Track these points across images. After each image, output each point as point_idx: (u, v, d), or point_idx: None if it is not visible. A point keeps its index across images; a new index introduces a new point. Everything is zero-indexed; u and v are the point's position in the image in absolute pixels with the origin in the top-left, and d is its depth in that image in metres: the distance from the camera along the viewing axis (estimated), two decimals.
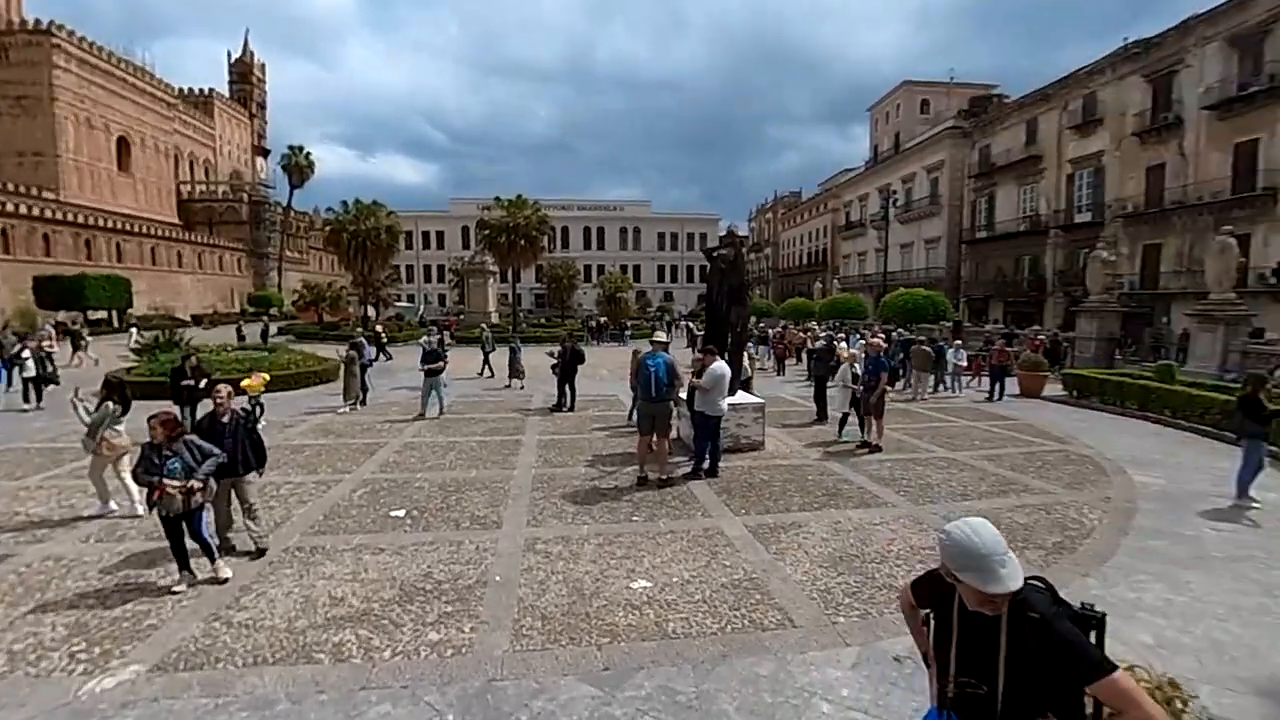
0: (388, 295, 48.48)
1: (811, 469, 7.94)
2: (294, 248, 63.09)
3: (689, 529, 5.77)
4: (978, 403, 13.70)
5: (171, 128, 49.76)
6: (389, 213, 33.69)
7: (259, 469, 5.24)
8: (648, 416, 7.09)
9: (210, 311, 44.40)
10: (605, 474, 7.67)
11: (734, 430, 8.70)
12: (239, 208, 54.14)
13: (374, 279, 43.85)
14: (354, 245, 31.65)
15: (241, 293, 51.94)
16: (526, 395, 14.56)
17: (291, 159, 54.23)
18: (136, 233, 41.14)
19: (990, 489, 7.07)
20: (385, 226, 33.14)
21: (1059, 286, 30.62)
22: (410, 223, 75.59)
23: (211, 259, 48.97)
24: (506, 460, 8.37)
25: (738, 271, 8.89)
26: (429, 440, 9.66)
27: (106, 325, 32.34)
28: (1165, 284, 24.69)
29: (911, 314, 22.82)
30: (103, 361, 18.39)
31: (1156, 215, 25.18)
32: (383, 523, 5.96)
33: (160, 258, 42.91)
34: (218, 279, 49.72)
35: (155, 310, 38.87)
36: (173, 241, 44.61)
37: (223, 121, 62.21)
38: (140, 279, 39.71)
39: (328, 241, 33.52)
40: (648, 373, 6.94)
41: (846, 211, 56.87)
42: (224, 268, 50.73)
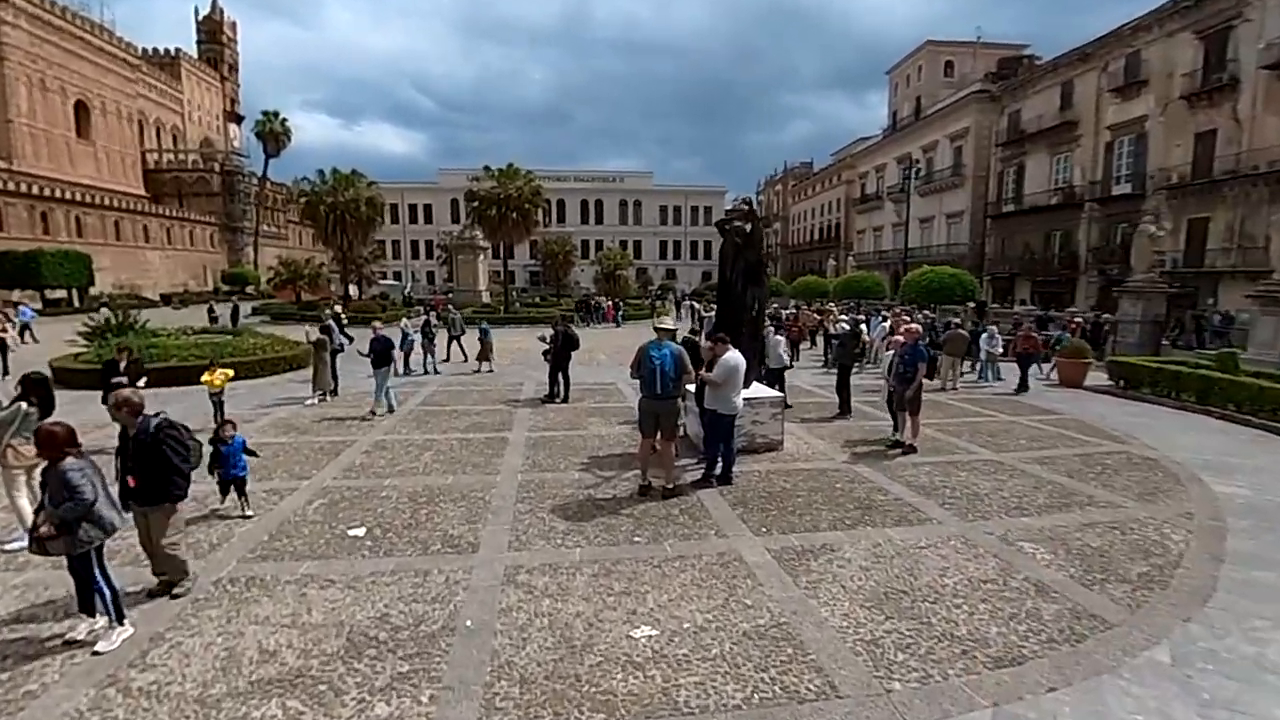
0: (371, 273, 47.65)
1: (839, 475, 7.25)
2: (271, 221, 61.97)
3: (701, 553, 5.09)
4: (1010, 394, 12.98)
5: (135, 91, 48.32)
6: (369, 183, 32.66)
7: (171, 499, 4.24)
8: (651, 416, 6.38)
9: (181, 290, 43.54)
10: (602, 480, 6.99)
11: (748, 429, 8.01)
12: (210, 178, 52.91)
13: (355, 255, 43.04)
14: (332, 219, 30.70)
15: (215, 270, 50.99)
16: (516, 384, 13.85)
17: (265, 125, 52.83)
18: (98, 205, 40.09)
19: (1050, 501, 6.38)
20: (366, 198, 32.13)
21: (1093, 264, 29.78)
22: (396, 195, 74.55)
23: (181, 233, 47.93)
24: (489, 463, 7.69)
25: (754, 246, 8.11)
26: (403, 438, 8.97)
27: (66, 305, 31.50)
28: (1212, 262, 23.85)
29: (935, 294, 22.02)
30: (48, 345, 17.68)
31: (1205, 186, 24.23)
32: (338, 544, 5.28)
33: (125, 232, 41.89)
34: (188, 255, 48.74)
35: (120, 289, 38.02)
36: (138, 215, 43.54)
37: (191, 85, 60.60)
38: (103, 255, 38.77)
39: (304, 215, 32.52)
40: (652, 366, 6.21)
41: (862, 183, 55.70)
42: (195, 243, 49.70)
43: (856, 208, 56.10)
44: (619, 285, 40.85)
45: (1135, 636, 3.91)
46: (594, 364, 17.51)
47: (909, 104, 49.15)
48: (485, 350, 15.50)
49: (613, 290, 40.93)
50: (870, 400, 11.76)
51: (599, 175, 78.40)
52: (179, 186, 51.70)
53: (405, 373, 15.13)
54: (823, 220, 65.64)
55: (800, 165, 77.92)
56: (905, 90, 50.45)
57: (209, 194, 52.36)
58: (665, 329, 6.51)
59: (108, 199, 41.16)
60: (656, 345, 6.32)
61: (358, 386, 13.43)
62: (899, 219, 47.55)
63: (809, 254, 67.12)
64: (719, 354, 6.69)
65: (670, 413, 6.35)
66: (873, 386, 13.12)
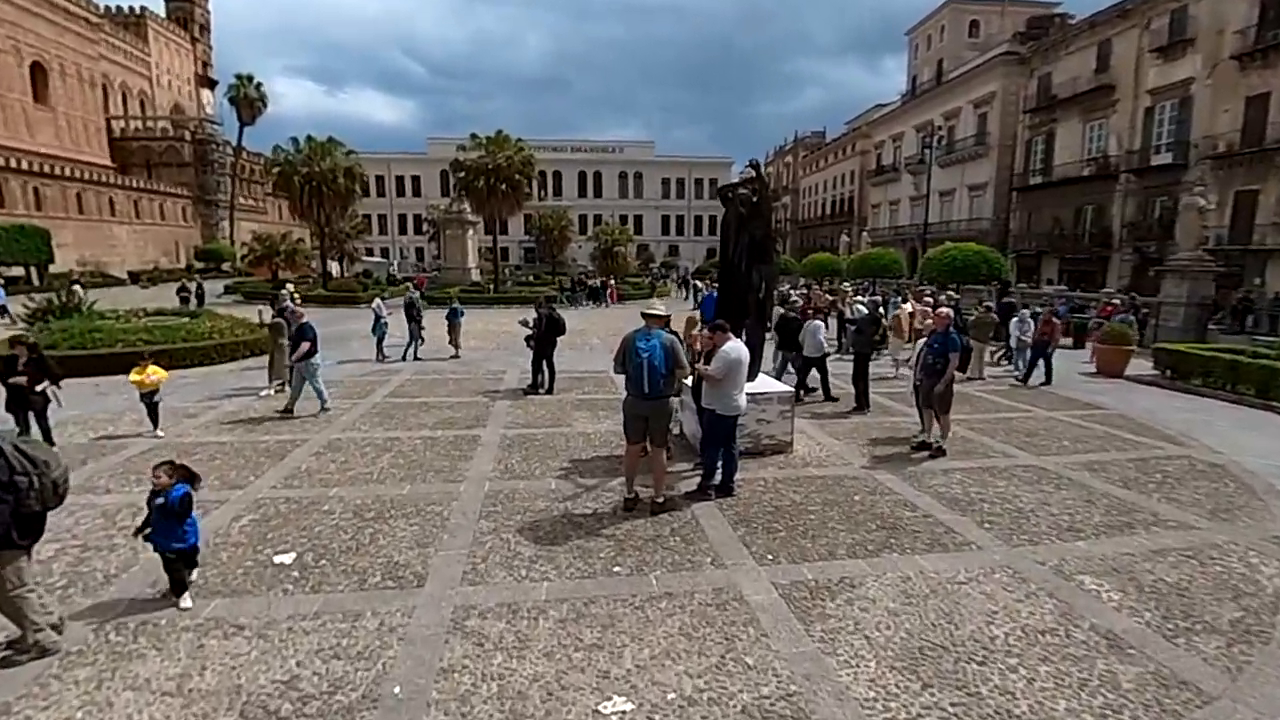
0: (354, 249, 46.82)
1: (858, 484, 6.54)
2: (248, 194, 60.87)
3: (694, 590, 4.39)
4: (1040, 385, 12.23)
5: (97, 53, 46.93)
6: (347, 152, 31.64)
7: (23, 543, 3.50)
8: (638, 419, 5.65)
9: (151, 267, 42.66)
10: (582, 491, 6.29)
11: (753, 428, 7.30)
12: (181, 147, 51.70)
13: (335, 230, 42.20)
14: (307, 190, 29.75)
15: (188, 246, 50.05)
16: (497, 372, 13.13)
17: (239, 90, 51.69)
18: (59, 176, 39.03)
19: (1107, 520, 5.66)
20: (344, 168, 31.14)
21: (1128, 241, 28.84)
22: (381, 166, 73.42)
23: (150, 207, 46.90)
24: (455, 468, 6.99)
25: (762, 218, 7.31)
26: (361, 436, 8.27)
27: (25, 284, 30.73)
28: (1261, 238, 22.92)
29: (959, 273, 21.15)
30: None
31: (1255, 156, 23.21)
32: (258, 576, 4.59)
33: (89, 205, 40.86)
34: (159, 230, 47.75)
35: (84, 266, 37.18)
36: (103, 186, 42.48)
37: (159, 46, 59.05)
38: (64, 230, 37.85)
39: (277, 186, 31.52)
40: (638, 360, 5.46)
41: (878, 154, 54.44)
42: (166, 217, 48.68)
43: (871, 180, 54.89)
44: (617, 262, 39.92)
45: (1243, 716, 3.20)
46: (585, 349, 16.79)
47: (930, 68, 47.69)
48: (453, 333, 14.77)
49: (611, 268, 40.02)
50: (890, 392, 11.03)
51: (597, 145, 76.92)
52: (147, 156, 50.53)
53: (380, 359, 14.43)
54: (835, 194, 64.39)
55: (811, 135, 76.30)
56: (926, 53, 48.95)
57: (180, 164, 51.23)
58: (655, 315, 5.75)
59: (69, 169, 40.11)
60: (644, 335, 5.57)
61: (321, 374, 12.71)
62: (917, 192, 46.43)
63: (820, 229, 65.99)
64: (718, 344, 5.94)
65: (661, 415, 5.62)
66: (883, 374, 12.40)
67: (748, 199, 7.13)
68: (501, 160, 31.34)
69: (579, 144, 76.79)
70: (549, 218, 50.14)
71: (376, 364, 14.16)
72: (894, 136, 51.22)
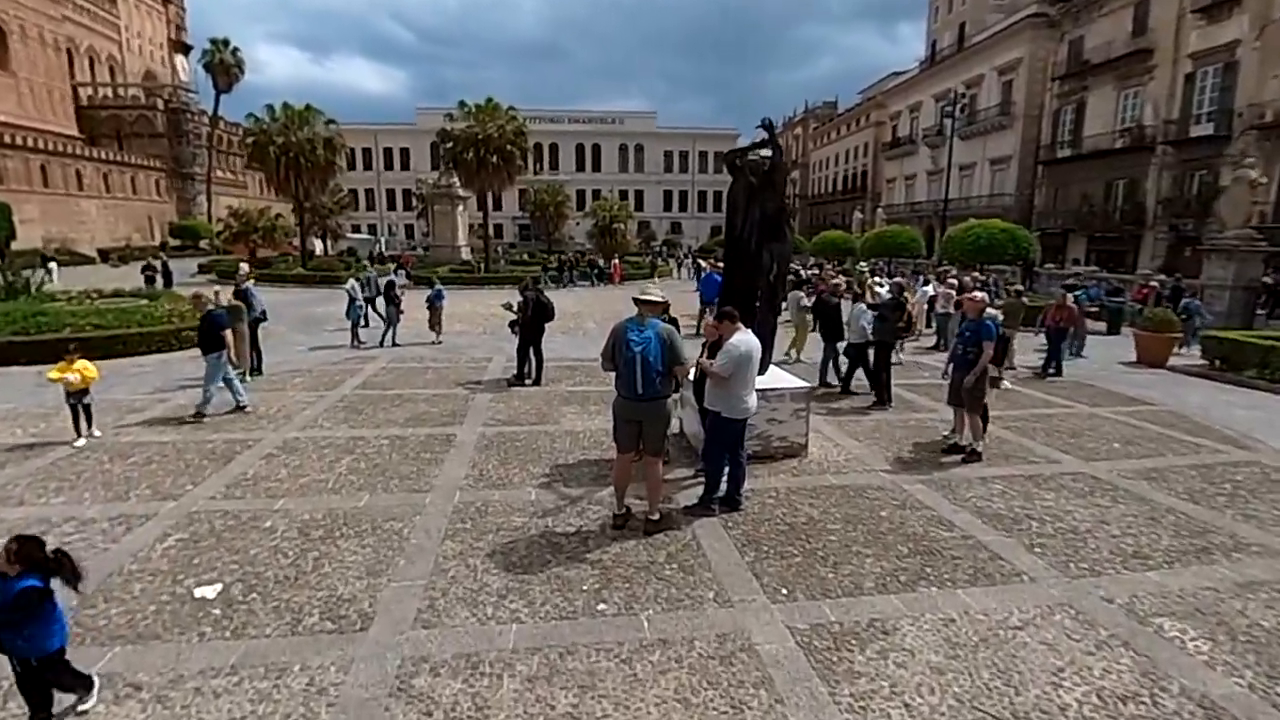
0: (337, 225, 46.01)
1: (883, 496, 5.91)
2: (227, 167, 59.83)
3: (693, 635, 3.78)
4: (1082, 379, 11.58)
5: (61, 14, 45.66)
6: (327, 121, 30.70)
7: None
8: (629, 423, 5.01)
9: (123, 245, 41.87)
10: (566, 503, 5.67)
11: (762, 429, 6.67)
12: (154, 117, 50.59)
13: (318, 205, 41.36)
14: (284, 162, 28.87)
15: (162, 222, 49.19)
16: (481, 360, 12.50)
17: (214, 55, 50.47)
18: (20, 146, 38.07)
19: (1178, 543, 5.03)
20: (323, 139, 30.24)
21: (1163, 218, 27.97)
22: (368, 138, 72.30)
23: (121, 180, 45.95)
24: (423, 474, 6.38)
25: (774, 190, 6.61)
26: (322, 434, 7.65)
27: None
28: None
29: (983, 252, 20.37)
30: None
31: None
32: (173, 614, 3.99)
33: (54, 178, 39.95)
34: (131, 205, 46.86)
35: (50, 243, 36.42)
36: (70, 158, 41.53)
37: (128, 8, 57.59)
38: (28, 204, 37.01)
39: (252, 157, 30.63)
40: (630, 355, 4.81)
41: (893, 125, 53.29)
42: (138, 191, 47.74)
43: (886, 154, 53.80)
44: (616, 240, 39.03)
45: None
46: (579, 333, 16.14)
47: (950, 32, 46.36)
48: (434, 317, 14.11)
49: (609, 246, 39.16)
50: (911, 384, 10.39)
51: (596, 116, 75.60)
52: (118, 126, 49.46)
53: (355, 345, 13.80)
54: (847, 168, 63.28)
55: (823, 105, 74.92)
56: (946, 16, 47.57)
57: (153, 135, 50.17)
58: (650, 301, 5.08)
59: (32, 139, 39.14)
60: (637, 325, 4.90)
61: (290, 362, 12.14)
62: (935, 166, 45.43)
63: (831, 206, 65.00)
64: (725, 336, 5.29)
65: (657, 420, 4.98)
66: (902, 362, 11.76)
67: (758, 166, 6.42)
68: (492, 130, 30.43)
69: (577, 115, 75.47)
70: (544, 193, 49.15)
71: (351, 350, 13.53)
72: (911, 107, 50.05)
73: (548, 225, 51.09)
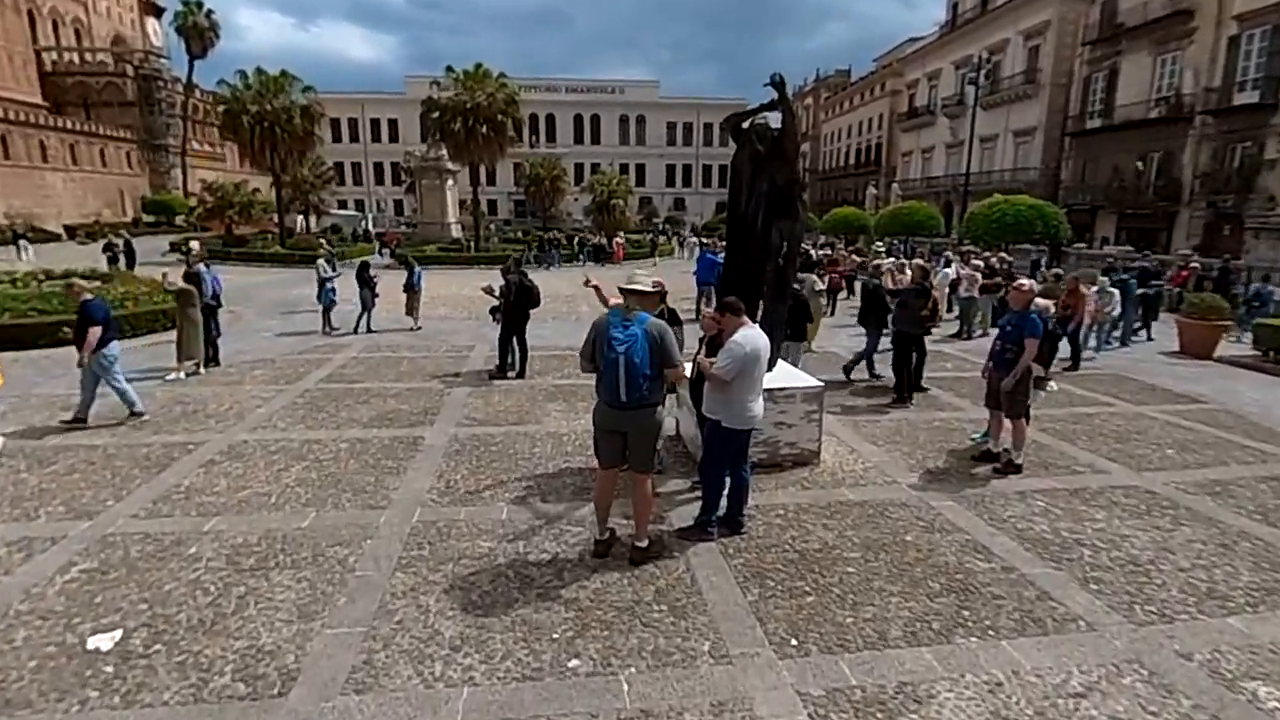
0: (320, 200, 45.20)
1: (908, 514, 5.34)
2: (204, 138, 58.80)
3: (682, 705, 3.22)
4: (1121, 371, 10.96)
5: None
6: (304, 88, 29.78)
7: None
8: (612, 435, 4.43)
9: (91, 221, 41.10)
10: (542, 524, 5.11)
11: (769, 433, 6.09)
12: (123, 84, 49.46)
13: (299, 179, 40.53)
14: (258, 132, 28.03)
15: (134, 196, 48.31)
16: (463, 349, 11.91)
17: (187, 18, 49.35)
18: None
19: (1260, 579, 4.45)
20: (301, 107, 29.36)
21: (1200, 194, 27.13)
22: (355, 107, 71.11)
23: (89, 152, 44.99)
24: (381, 486, 5.81)
25: (785, 159, 5.94)
26: (275, 437, 7.09)
27: None
28: None
29: (1008, 231, 19.61)
30: None
31: None
32: (54, 674, 3.43)
33: (15, 149, 39.00)
34: (101, 178, 45.96)
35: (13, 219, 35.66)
36: (33, 128, 40.54)
37: None
38: None
39: (224, 127, 29.76)
40: (612, 355, 4.20)
41: (910, 95, 52.10)
42: (108, 163, 46.79)
43: (902, 125, 52.66)
44: (614, 217, 38.23)
45: None
46: (572, 318, 15.55)
47: None
48: (412, 301, 13.51)
49: (608, 223, 38.39)
50: (934, 378, 9.79)
51: (596, 85, 74.19)
52: (85, 94, 48.38)
53: (326, 331, 13.21)
54: (861, 140, 62.10)
55: (835, 74, 73.48)
56: None
57: (123, 103, 49.11)
58: (639, 290, 4.47)
59: None
60: (621, 320, 4.29)
61: (253, 350, 11.56)
62: (954, 138, 44.44)
63: (843, 181, 63.94)
64: (727, 330, 4.68)
65: (644, 431, 4.39)
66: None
67: (766, 131, 5.76)
68: (481, 98, 29.52)
69: (575, 83, 74.05)
70: (539, 166, 48.21)
71: (322, 337, 12.95)
72: (929, 75, 48.83)
73: (543, 201, 50.19)
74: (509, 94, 30.58)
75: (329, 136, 70.73)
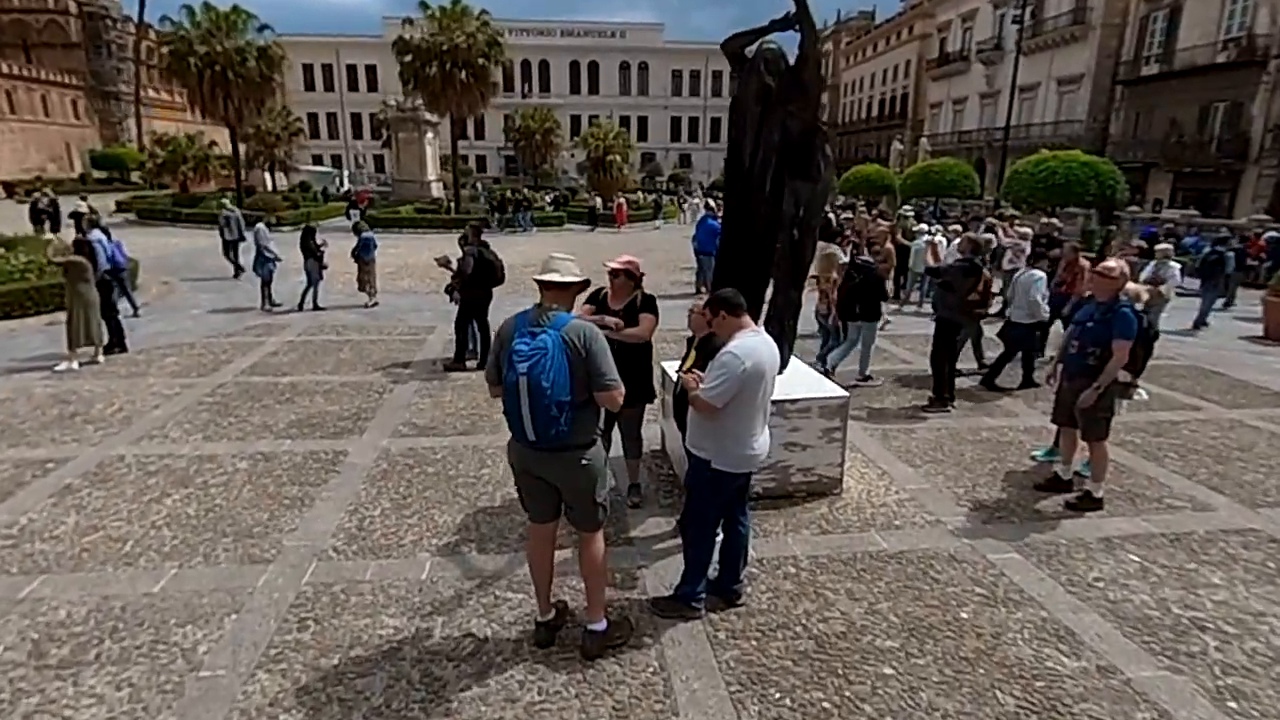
0: (287, 155, 43.66)
1: (960, 576, 4.30)
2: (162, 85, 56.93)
3: None
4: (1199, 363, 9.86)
5: None
6: (262, 27, 28.24)
7: None
8: (535, 480, 3.38)
9: (33, 177, 39.72)
10: (473, 586, 4.11)
11: (779, 457, 5.05)
12: (66, 23, 47.51)
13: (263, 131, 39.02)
14: (209, 77, 26.56)
15: (82, 150, 46.84)
16: (420, 331, 10.86)
17: None
18: None
19: None
20: (258, 48, 27.82)
21: (1273, 150, 25.64)
22: (328, 52, 68.94)
23: (29, 99, 43.37)
24: (273, 527, 4.78)
25: (805, 97, 4.74)
26: (160, 452, 6.06)
27: None
28: None
29: (1057, 192, 18.26)
30: None
31: None
32: None
33: None
34: (43, 130, 44.42)
35: None
36: None
37: None
38: None
39: (169, 71, 28.30)
40: (512, 376, 3.08)
41: (941, 39, 50.09)
42: (50, 112, 45.20)
43: (932, 73, 50.69)
44: (610, 175, 36.76)
45: None
46: None
47: None
48: (364, 273, 12.40)
49: (603, 182, 36.93)
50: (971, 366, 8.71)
51: (593, 29, 71.92)
52: (22, 34, 46.53)
53: (266, 308, 12.14)
54: (885, 90, 60.10)
55: (859, 16, 70.93)
56: None
57: (66, 45, 47.25)
58: (557, 283, 3.32)
59: None
60: (528, 326, 3.18)
61: (174, 332, 10.50)
62: (989, 88, 42.71)
63: (865, 135, 62.07)
64: (721, 334, 3.59)
65: (575, 479, 3.32)
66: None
67: (779, 59, 4.57)
68: (460, 39, 27.95)
69: (570, 26, 71.78)
70: (529, 118, 46.49)
71: (260, 315, 11.88)
72: (963, 15, 46.77)
73: (534, 156, 48.61)
74: (491, 35, 29.01)
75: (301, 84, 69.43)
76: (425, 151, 36.42)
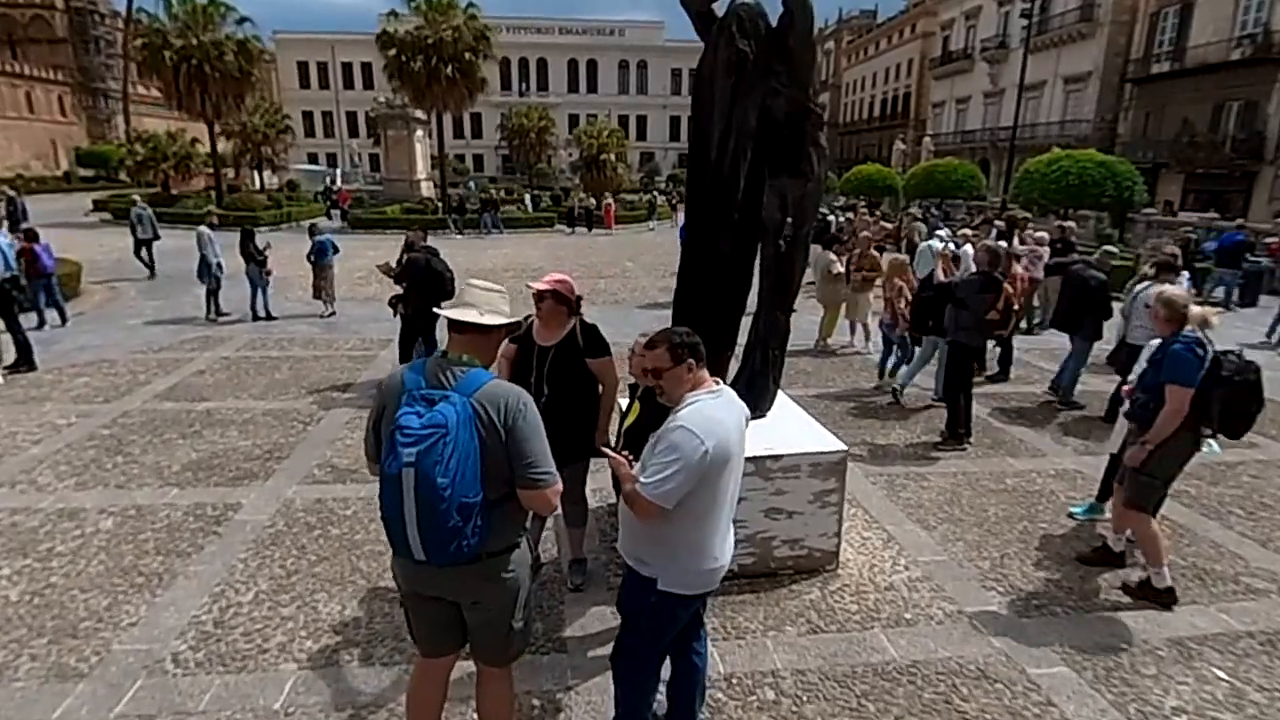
0: (274, 153, 42.66)
1: (994, 707, 3.20)
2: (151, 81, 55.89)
3: None
4: None
5: None
6: (241, 19, 27.16)
7: None
8: (425, 602, 2.33)
9: (14, 176, 38.68)
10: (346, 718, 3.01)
11: (760, 525, 3.98)
12: (52, 18, 46.48)
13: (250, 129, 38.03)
14: (185, 71, 25.49)
15: (68, 147, 45.76)
16: (373, 343, 9.80)
17: None
18: None
19: None
20: (236, 42, 26.75)
21: None
22: (324, 49, 67.93)
23: (14, 96, 42.30)
24: (108, 620, 3.72)
25: (793, 68, 3.64)
26: (14, 505, 5.00)
27: None
28: None
29: (1072, 193, 17.13)
30: None
31: None
32: None
33: None
34: (28, 127, 43.34)
35: None
36: None
37: None
38: None
39: (145, 65, 27.25)
40: (393, 467, 2.02)
41: (944, 37, 48.97)
42: (36, 109, 44.13)
43: (934, 71, 49.58)
44: (604, 175, 35.64)
45: None
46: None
47: None
48: (319, 280, 11.32)
49: (597, 182, 35.80)
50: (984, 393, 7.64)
51: (592, 26, 70.85)
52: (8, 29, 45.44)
53: (210, 318, 11.06)
54: (887, 89, 58.94)
55: (860, 15, 69.81)
56: None
57: (53, 40, 46.20)
58: (472, 325, 2.26)
59: None
60: (419, 390, 2.12)
61: (97, 346, 9.40)
62: (994, 86, 41.62)
63: (866, 135, 60.92)
64: (670, 391, 2.51)
65: (493, 597, 2.27)
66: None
67: (757, 19, 3.48)
68: (446, 33, 26.84)
69: (568, 24, 70.75)
70: (523, 116, 45.38)
71: (202, 325, 10.81)
72: (967, 13, 45.63)
73: (528, 155, 47.54)
74: (479, 28, 27.89)
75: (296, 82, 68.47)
76: (415, 150, 35.29)
